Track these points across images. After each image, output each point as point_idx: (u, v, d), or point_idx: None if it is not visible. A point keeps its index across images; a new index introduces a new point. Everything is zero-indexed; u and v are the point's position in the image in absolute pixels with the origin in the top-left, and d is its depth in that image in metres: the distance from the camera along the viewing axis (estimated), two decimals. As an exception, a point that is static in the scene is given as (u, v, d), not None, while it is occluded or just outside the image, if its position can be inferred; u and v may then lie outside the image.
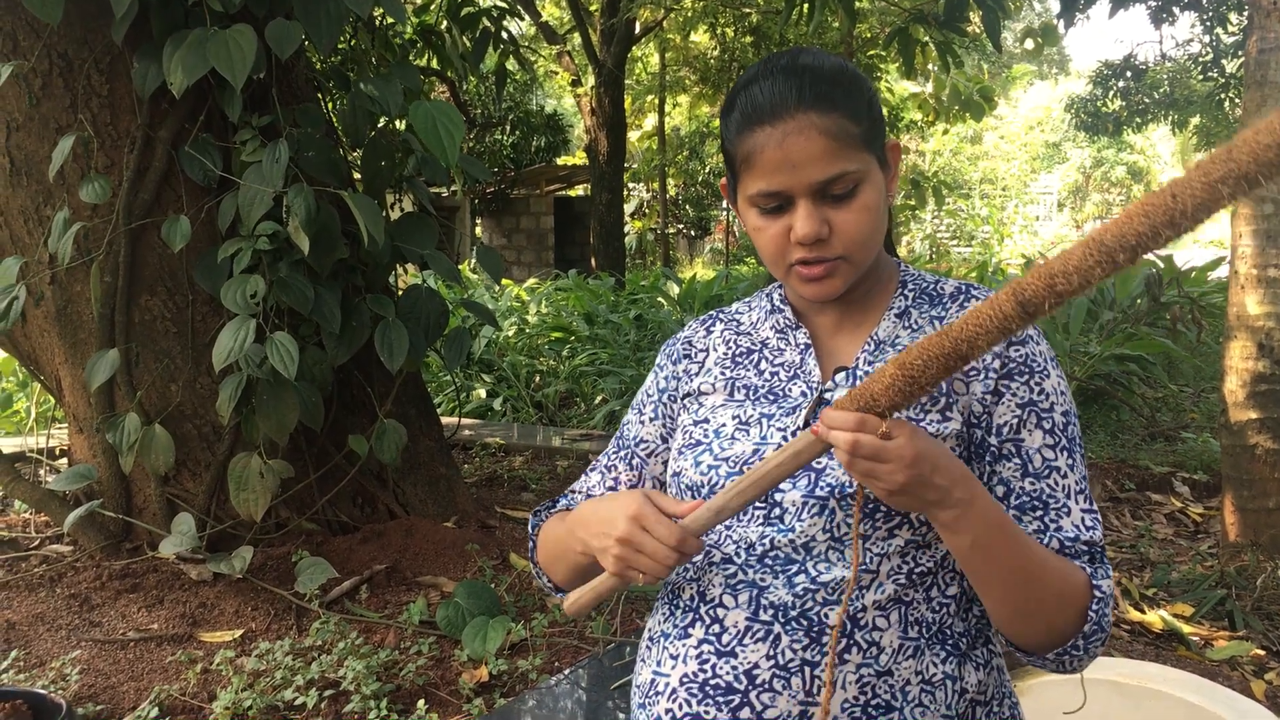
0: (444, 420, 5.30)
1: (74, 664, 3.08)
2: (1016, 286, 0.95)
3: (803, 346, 1.29)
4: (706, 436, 1.27)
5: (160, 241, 3.55)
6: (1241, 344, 3.75)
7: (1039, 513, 1.17)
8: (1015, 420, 1.18)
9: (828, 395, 1.23)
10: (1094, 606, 1.13)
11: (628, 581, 1.16)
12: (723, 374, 1.33)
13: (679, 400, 1.37)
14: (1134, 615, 3.47)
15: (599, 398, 7.38)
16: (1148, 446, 6.04)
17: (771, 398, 1.26)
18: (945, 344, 0.99)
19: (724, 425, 1.26)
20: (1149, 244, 0.88)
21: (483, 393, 7.49)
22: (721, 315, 1.42)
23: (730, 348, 1.35)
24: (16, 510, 4.55)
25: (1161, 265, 8.93)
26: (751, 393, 1.28)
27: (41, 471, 4.72)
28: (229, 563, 3.51)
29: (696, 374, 1.36)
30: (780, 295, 1.36)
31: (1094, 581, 1.14)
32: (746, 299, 1.43)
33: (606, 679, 2.95)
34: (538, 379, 7.92)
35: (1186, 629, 3.36)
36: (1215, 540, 4.25)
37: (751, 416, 1.25)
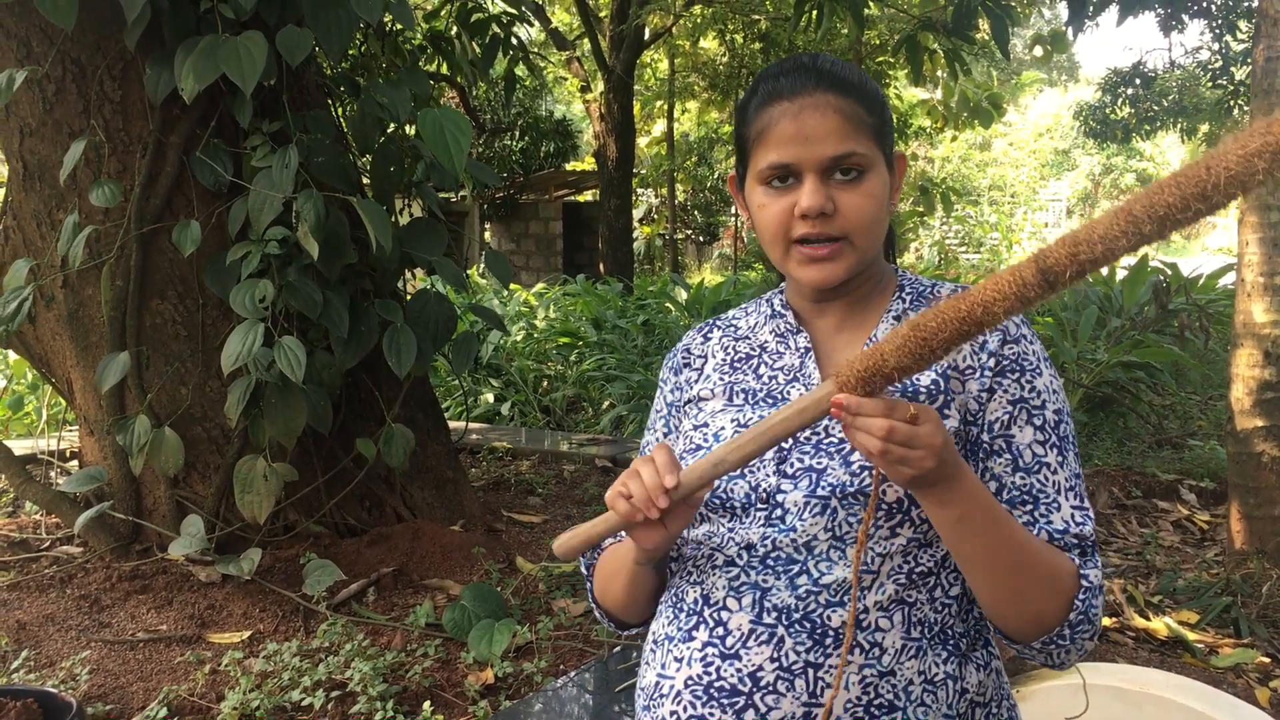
0: (451, 424, 5.32)
1: (84, 664, 3.11)
2: (1039, 254, 0.93)
3: (803, 350, 1.30)
4: (706, 440, 1.28)
5: (171, 246, 3.58)
6: (1248, 352, 3.75)
7: (1029, 507, 1.19)
8: (1006, 416, 1.21)
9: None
10: (1080, 596, 1.14)
11: (619, 517, 1.15)
12: (721, 379, 1.34)
13: (682, 408, 1.38)
14: (1139, 622, 3.47)
15: (606, 403, 7.39)
16: (1154, 454, 6.03)
17: (770, 401, 1.28)
18: (961, 308, 0.97)
19: (723, 429, 1.28)
20: (1178, 217, 0.85)
21: (490, 397, 7.51)
22: (719, 322, 1.43)
23: (729, 353, 1.37)
24: (27, 511, 4.58)
25: (1169, 273, 8.92)
26: (750, 396, 1.30)
27: (52, 473, 4.75)
28: (237, 564, 3.53)
29: (697, 381, 1.37)
30: (781, 300, 1.37)
31: (1081, 571, 1.16)
32: (744, 305, 1.45)
33: (611, 682, 2.97)
34: (545, 384, 7.94)
35: (1191, 636, 3.36)
36: (1221, 548, 4.25)
37: (751, 420, 1.26)
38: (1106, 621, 3.49)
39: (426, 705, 2.80)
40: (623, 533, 1.41)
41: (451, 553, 3.92)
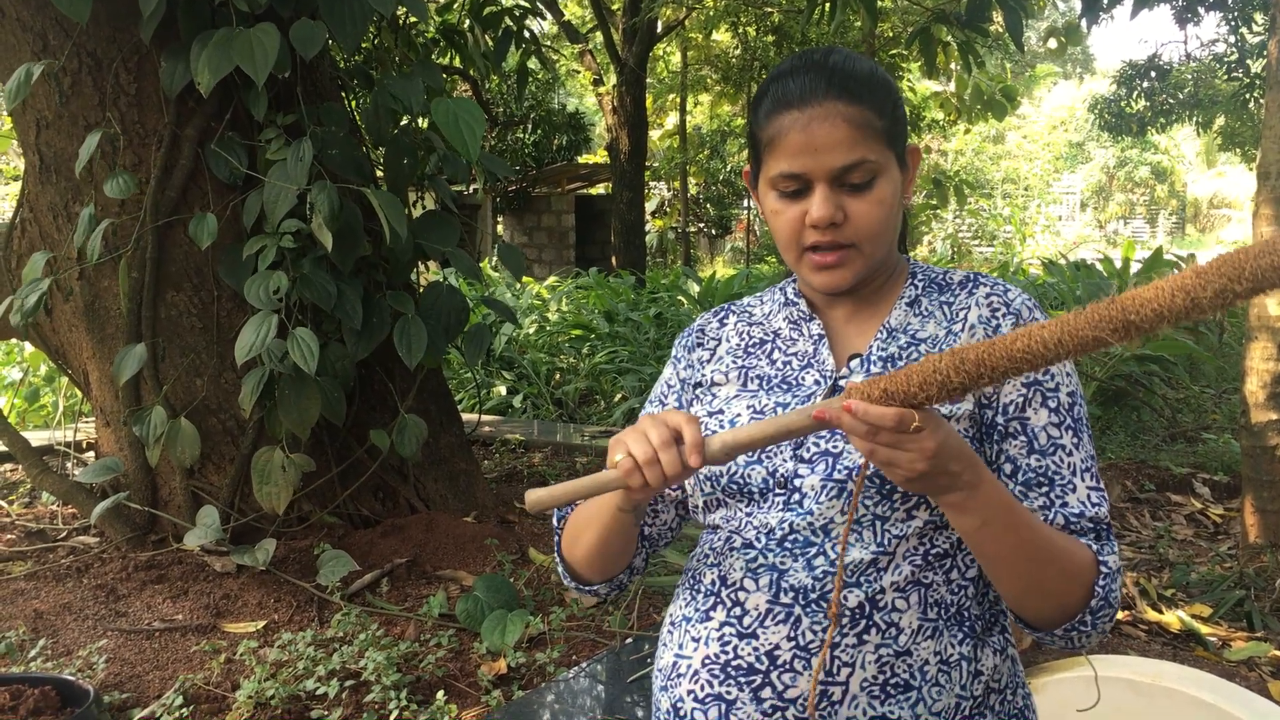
0: (464, 416, 5.34)
1: (100, 653, 3.13)
2: (1109, 303, 0.89)
3: (816, 336, 1.31)
4: (722, 427, 1.29)
5: (186, 238, 3.60)
6: (1262, 345, 3.74)
7: (1045, 488, 1.20)
8: (1020, 399, 1.21)
9: (841, 382, 1.25)
10: (1100, 582, 1.16)
11: (618, 477, 1.11)
12: (735, 363, 1.35)
13: (693, 389, 1.39)
14: (1152, 615, 3.46)
15: (619, 395, 7.41)
16: (1168, 447, 6.01)
17: (785, 386, 1.29)
18: (1015, 348, 0.95)
19: (739, 415, 1.28)
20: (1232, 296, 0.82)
21: (503, 389, 7.53)
22: (734, 308, 1.44)
23: (743, 339, 1.38)
24: (44, 502, 4.62)
25: (1184, 266, 8.87)
26: (765, 382, 1.31)
27: (69, 464, 4.78)
28: (252, 555, 3.55)
29: (709, 361, 1.38)
30: (794, 289, 1.38)
31: (1100, 557, 1.17)
32: (759, 294, 1.45)
33: (624, 672, 2.98)
34: (558, 376, 7.96)
35: (1204, 629, 3.35)
36: (1235, 541, 4.24)
37: (766, 405, 1.27)
38: (1119, 614, 3.49)
39: (440, 695, 2.82)
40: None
41: (464, 544, 3.94)
